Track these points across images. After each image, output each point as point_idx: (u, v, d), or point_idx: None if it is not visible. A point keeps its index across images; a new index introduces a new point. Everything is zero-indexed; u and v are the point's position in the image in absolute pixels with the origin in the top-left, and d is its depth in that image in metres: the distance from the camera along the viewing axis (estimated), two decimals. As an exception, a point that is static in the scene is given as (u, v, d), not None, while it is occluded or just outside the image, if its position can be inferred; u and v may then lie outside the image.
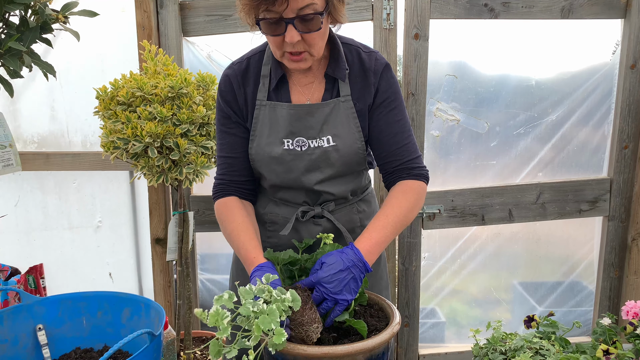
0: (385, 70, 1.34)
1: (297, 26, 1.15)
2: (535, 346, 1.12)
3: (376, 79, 1.32)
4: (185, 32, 2.17)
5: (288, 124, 1.31)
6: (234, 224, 1.31)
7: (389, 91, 1.33)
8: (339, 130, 1.31)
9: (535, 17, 2.16)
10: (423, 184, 1.35)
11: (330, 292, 1.10)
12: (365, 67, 1.32)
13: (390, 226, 1.25)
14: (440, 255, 2.45)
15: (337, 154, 1.32)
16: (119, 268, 2.40)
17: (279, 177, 1.35)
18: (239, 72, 1.36)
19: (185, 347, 2.05)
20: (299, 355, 1.01)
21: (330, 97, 1.33)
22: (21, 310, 1.27)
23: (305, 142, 1.32)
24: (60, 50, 2.02)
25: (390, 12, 2.09)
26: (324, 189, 1.36)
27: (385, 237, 1.24)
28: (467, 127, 2.28)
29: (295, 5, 1.13)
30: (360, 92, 1.32)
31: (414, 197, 1.32)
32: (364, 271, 1.16)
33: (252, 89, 1.35)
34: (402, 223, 1.28)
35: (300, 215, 1.38)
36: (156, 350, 1.13)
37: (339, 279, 1.11)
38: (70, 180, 2.31)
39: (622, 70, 2.24)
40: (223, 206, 1.37)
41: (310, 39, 1.19)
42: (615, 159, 2.31)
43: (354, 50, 1.34)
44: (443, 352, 2.47)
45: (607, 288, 2.44)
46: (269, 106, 1.33)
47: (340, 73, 1.31)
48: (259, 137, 1.34)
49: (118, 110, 1.74)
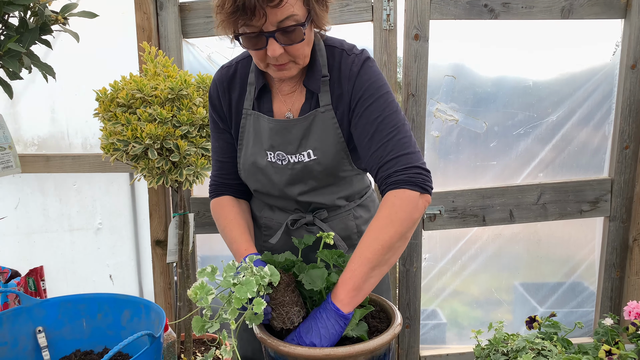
0: (362, 69, 1.22)
1: (279, 39, 1.10)
2: (537, 347, 1.11)
3: (350, 86, 1.23)
4: (185, 34, 2.17)
5: (269, 137, 1.28)
6: (227, 220, 1.33)
7: (361, 90, 1.21)
8: (319, 143, 1.25)
9: (535, 17, 2.16)
10: (412, 194, 1.11)
11: (303, 339, 1.05)
12: (342, 75, 1.24)
13: (368, 261, 1.08)
14: (441, 256, 2.45)
15: (320, 166, 1.27)
16: (119, 270, 2.40)
17: (265, 187, 1.34)
18: (225, 78, 1.33)
19: (185, 350, 2.04)
20: (300, 356, 1.01)
21: (309, 107, 1.27)
22: (21, 313, 1.27)
23: (285, 157, 1.28)
24: (59, 52, 2.02)
25: (390, 12, 2.09)
26: (309, 200, 1.33)
27: (365, 275, 1.08)
28: (466, 127, 2.28)
29: (274, 18, 1.07)
30: (338, 99, 1.25)
31: (400, 216, 1.09)
32: (341, 323, 1.07)
33: (237, 96, 1.32)
34: (390, 248, 1.09)
35: (291, 224, 1.36)
36: (156, 352, 1.13)
37: (315, 333, 1.06)
38: (70, 182, 2.31)
39: (623, 71, 2.24)
40: (217, 205, 1.39)
41: (294, 50, 1.14)
42: (616, 159, 2.31)
43: (337, 53, 1.26)
44: (444, 353, 2.46)
45: (609, 289, 2.44)
46: (254, 116, 1.30)
47: (315, 84, 1.24)
48: (246, 146, 1.33)
49: (118, 112, 1.73)
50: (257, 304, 0.99)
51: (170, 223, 2.01)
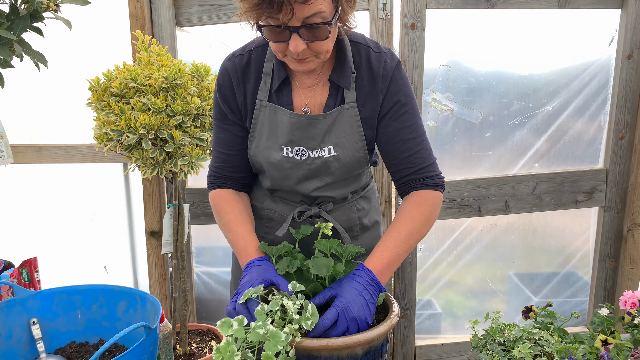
0: (396, 71, 1.24)
1: (303, 35, 1.06)
2: (534, 337, 1.11)
3: (385, 85, 1.23)
4: (179, 22, 2.14)
5: (288, 132, 1.25)
6: (231, 215, 1.29)
7: (399, 94, 1.24)
8: (341, 140, 1.25)
9: (532, 7, 2.15)
10: (438, 194, 1.27)
11: (353, 314, 1.03)
12: (373, 73, 1.23)
13: (403, 244, 1.19)
14: (437, 246, 2.45)
15: (338, 163, 1.27)
16: (114, 261, 2.39)
17: (276, 182, 1.32)
18: (239, 67, 1.27)
19: (181, 340, 2.04)
20: (297, 347, 1.00)
21: (334, 103, 1.25)
22: (15, 304, 1.26)
23: (305, 152, 1.26)
24: (51, 40, 1.99)
25: (386, 1, 2.07)
26: (322, 194, 1.32)
27: (398, 255, 1.18)
28: (462, 117, 2.27)
29: (301, 14, 1.03)
30: (366, 98, 1.24)
31: (428, 209, 1.24)
32: (377, 292, 1.10)
33: (252, 87, 1.27)
34: (416, 238, 1.22)
35: (297, 216, 1.35)
36: (153, 344, 1.12)
37: (359, 303, 1.05)
38: (64, 172, 2.28)
39: (619, 61, 2.23)
40: (218, 197, 1.35)
41: (317, 47, 1.11)
42: (611, 149, 2.31)
43: (363, 50, 1.24)
44: (439, 343, 2.47)
45: (603, 278, 2.45)
46: (270, 108, 1.26)
47: (345, 81, 1.23)
48: (258, 139, 1.29)
49: (111, 102, 1.71)
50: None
51: (165, 214, 1.99)
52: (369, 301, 1.06)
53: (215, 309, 2.51)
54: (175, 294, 2.03)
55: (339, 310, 1.02)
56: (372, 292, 1.08)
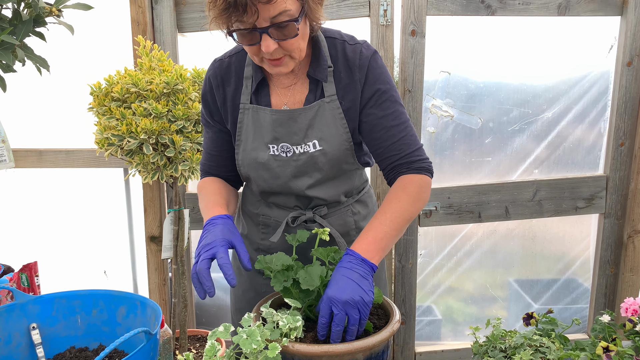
0: (372, 60, 1.25)
1: (272, 34, 1.09)
2: (535, 344, 1.11)
3: (362, 75, 1.24)
4: (181, 28, 2.14)
5: (272, 129, 1.27)
6: (205, 190, 1.36)
7: (377, 83, 1.24)
8: (324, 133, 1.26)
9: (532, 14, 2.16)
10: (426, 177, 1.26)
11: (344, 297, 1.03)
12: (350, 64, 1.24)
13: (388, 222, 1.17)
14: (437, 252, 2.45)
15: (325, 157, 1.27)
16: (114, 266, 2.38)
17: (267, 183, 1.32)
18: (219, 72, 1.31)
19: (180, 345, 2.03)
20: (298, 354, 1.00)
21: (315, 98, 1.27)
22: (14, 309, 1.25)
23: (290, 148, 1.27)
24: (53, 44, 2.00)
25: (387, 8, 2.08)
26: (315, 194, 1.32)
27: (384, 233, 1.16)
28: (461, 123, 2.28)
29: (267, 14, 1.05)
30: (345, 89, 1.25)
31: (415, 189, 1.23)
32: (368, 269, 1.10)
33: (232, 90, 1.30)
34: (404, 217, 1.20)
35: (291, 221, 1.35)
36: (153, 349, 1.12)
37: (347, 285, 1.05)
38: (64, 177, 2.28)
39: (619, 68, 2.24)
40: (203, 181, 1.41)
41: (288, 45, 1.13)
42: (611, 156, 2.32)
43: (339, 44, 1.26)
44: (439, 349, 2.47)
45: (603, 285, 2.45)
46: (253, 110, 1.28)
47: (321, 74, 1.24)
48: (244, 142, 1.31)
49: (112, 107, 1.71)
50: (273, 349, 0.93)
51: (165, 219, 1.99)
52: (359, 280, 1.06)
53: (215, 314, 2.50)
54: (175, 299, 2.02)
55: (327, 301, 1.04)
56: (361, 271, 1.08)
